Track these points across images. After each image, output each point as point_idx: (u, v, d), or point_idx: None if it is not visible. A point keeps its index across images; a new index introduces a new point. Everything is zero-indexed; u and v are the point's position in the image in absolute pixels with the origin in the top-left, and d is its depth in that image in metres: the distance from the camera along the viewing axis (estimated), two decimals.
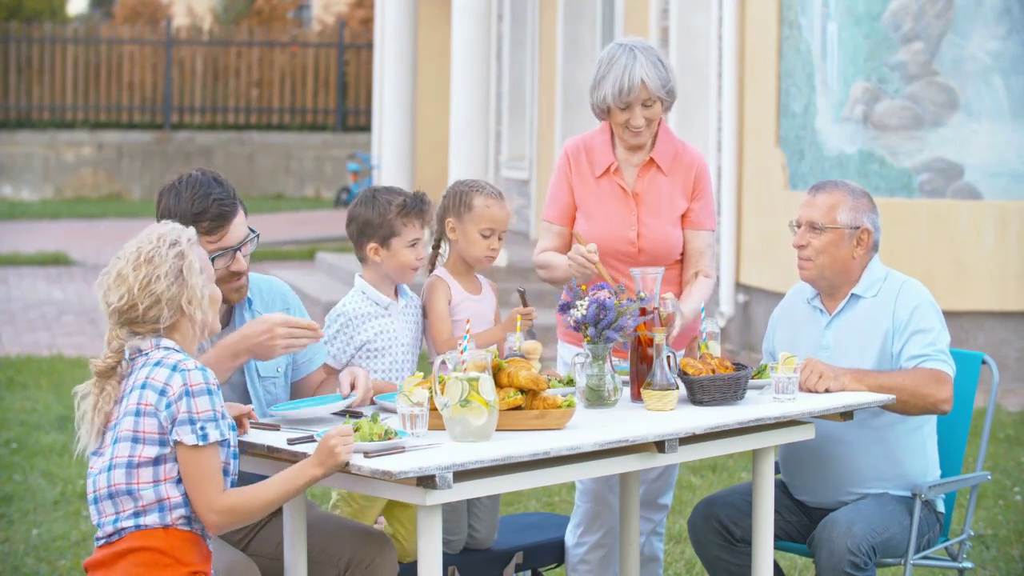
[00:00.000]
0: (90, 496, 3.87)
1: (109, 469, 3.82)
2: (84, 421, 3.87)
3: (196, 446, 3.76)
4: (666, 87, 5.08)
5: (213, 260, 4.21)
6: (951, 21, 10.26)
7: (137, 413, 3.80)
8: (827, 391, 4.70)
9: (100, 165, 25.61)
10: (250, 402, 4.44)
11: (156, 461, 3.80)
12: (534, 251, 5.31)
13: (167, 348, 3.86)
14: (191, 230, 3.94)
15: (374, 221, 4.72)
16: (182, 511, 3.82)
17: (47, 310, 14.24)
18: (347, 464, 3.82)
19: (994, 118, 10.29)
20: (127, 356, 3.87)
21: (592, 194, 5.19)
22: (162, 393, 3.78)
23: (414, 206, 4.73)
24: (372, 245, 4.74)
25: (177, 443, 3.77)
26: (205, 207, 4.28)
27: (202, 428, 3.76)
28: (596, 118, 5.19)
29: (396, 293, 4.84)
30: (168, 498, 3.80)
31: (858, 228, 4.89)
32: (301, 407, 4.31)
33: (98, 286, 3.89)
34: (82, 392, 3.88)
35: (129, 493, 3.80)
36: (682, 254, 5.22)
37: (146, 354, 3.86)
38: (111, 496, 3.82)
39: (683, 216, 5.20)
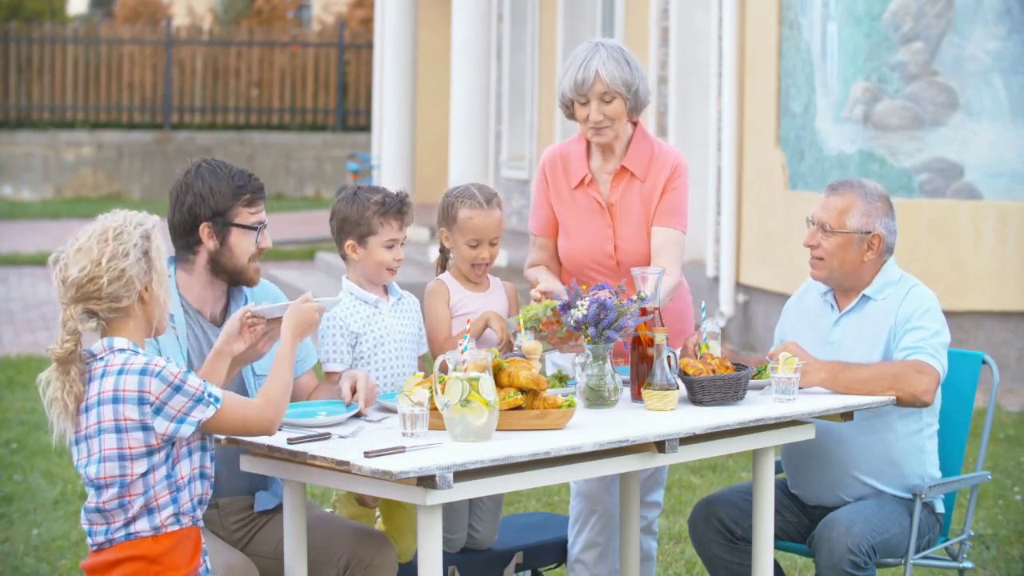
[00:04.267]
0: (88, 502, 3.85)
1: (98, 488, 3.79)
2: (54, 407, 3.78)
3: (218, 412, 3.78)
4: (627, 84, 4.97)
5: (257, 231, 4.38)
6: (951, 21, 10.26)
7: (118, 430, 3.74)
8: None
9: (100, 165, 25.61)
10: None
11: (146, 472, 3.77)
12: (526, 260, 5.29)
13: (122, 350, 3.78)
14: (155, 217, 3.91)
15: (352, 217, 4.72)
16: (171, 509, 3.80)
17: (47, 310, 14.24)
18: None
19: (994, 118, 10.29)
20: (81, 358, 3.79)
21: (568, 207, 5.14)
22: (142, 402, 3.72)
23: (392, 205, 4.71)
24: (350, 242, 4.74)
25: (201, 422, 3.77)
26: (246, 180, 4.41)
27: (210, 395, 3.77)
28: (565, 116, 5.15)
29: (386, 291, 4.83)
30: (157, 500, 3.79)
31: (869, 233, 4.86)
32: (307, 417, 4.29)
33: (52, 266, 3.80)
34: (45, 379, 3.79)
35: (121, 507, 3.78)
36: None
37: (101, 359, 3.77)
38: (100, 511, 3.81)
39: None
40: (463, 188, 4.99)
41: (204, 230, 4.37)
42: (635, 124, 5.14)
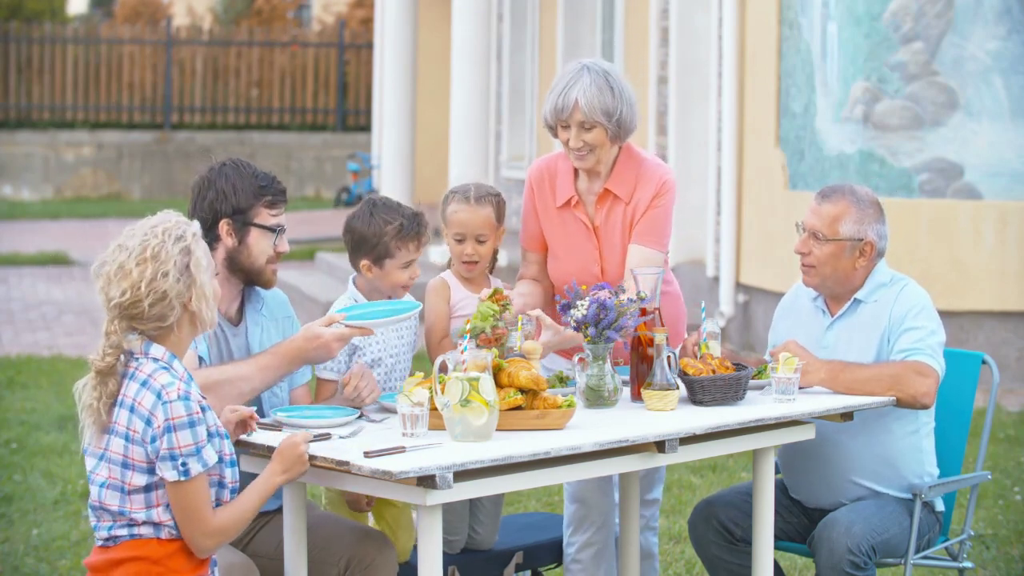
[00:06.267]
0: (91, 499, 3.86)
1: (102, 486, 3.79)
2: (87, 413, 3.78)
3: (179, 482, 3.73)
4: (608, 113, 4.81)
5: (276, 234, 4.39)
6: (951, 21, 10.26)
7: (127, 438, 3.75)
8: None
9: (100, 165, 25.61)
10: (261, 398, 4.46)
11: (147, 488, 3.76)
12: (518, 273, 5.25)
13: (155, 360, 3.77)
14: (195, 224, 3.90)
15: (370, 240, 4.68)
16: (174, 532, 3.80)
17: (47, 310, 14.24)
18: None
19: (994, 118, 10.28)
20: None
21: (555, 227, 5.06)
22: (148, 423, 3.72)
23: (411, 230, 4.68)
24: (365, 262, 4.71)
25: (162, 479, 3.74)
26: (269, 182, 4.44)
27: (183, 464, 3.71)
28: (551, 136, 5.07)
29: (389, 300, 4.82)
30: (160, 521, 3.78)
31: (861, 241, 4.83)
32: (309, 417, 4.29)
33: (95, 276, 3.79)
34: (82, 386, 3.79)
35: (122, 514, 3.79)
36: None
37: (136, 359, 3.78)
38: (104, 509, 3.81)
39: None
40: (457, 186, 5.00)
41: (223, 227, 4.39)
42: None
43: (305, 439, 3.92)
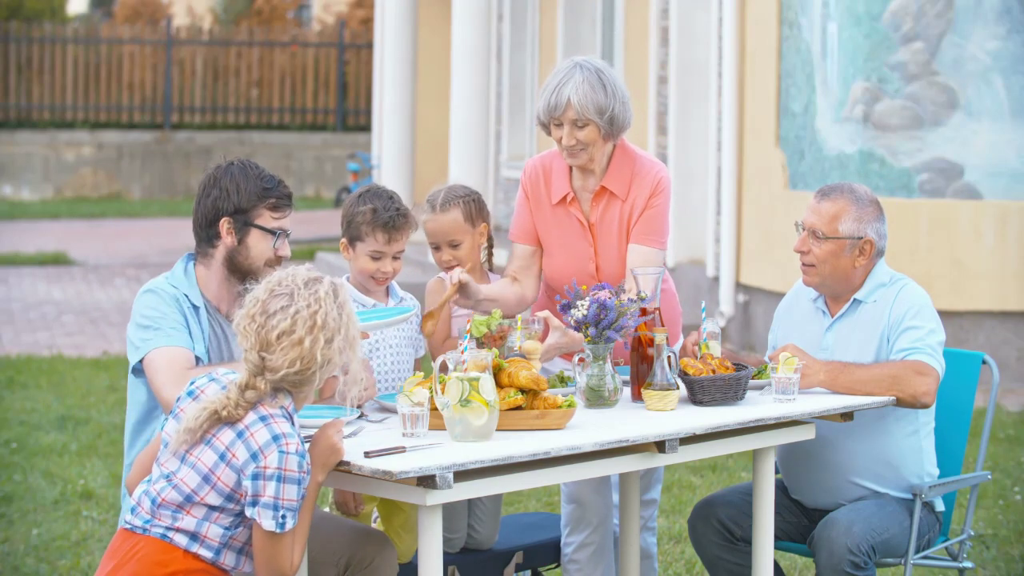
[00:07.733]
0: (150, 486, 3.81)
1: (171, 484, 3.76)
2: (187, 435, 3.73)
3: (272, 532, 3.70)
4: (600, 111, 4.81)
5: (276, 237, 4.39)
6: (951, 21, 10.26)
7: (223, 457, 3.71)
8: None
9: (100, 165, 25.62)
10: None
11: (213, 507, 3.74)
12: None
13: (281, 406, 3.75)
14: (342, 280, 3.89)
15: (346, 217, 4.75)
16: (211, 554, 3.77)
17: (47, 310, 14.24)
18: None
19: (994, 118, 10.29)
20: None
21: (550, 225, 5.06)
22: (254, 458, 3.68)
23: (382, 218, 4.68)
24: (343, 240, 4.77)
25: (255, 524, 3.71)
26: (275, 185, 4.45)
27: (283, 516, 3.69)
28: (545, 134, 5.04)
29: (388, 293, 4.82)
30: (206, 537, 3.75)
31: (861, 239, 4.83)
32: (308, 417, 4.29)
33: (238, 330, 3.75)
34: (193, 414, 3.73)
35: (172, 515, 3.76)
36: None
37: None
38: (154, 502, 3.78)
39: None
40: (432, 191, 5.00)
41: (224, 225, 4.41)
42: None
43: (336, 427, 3.88)
